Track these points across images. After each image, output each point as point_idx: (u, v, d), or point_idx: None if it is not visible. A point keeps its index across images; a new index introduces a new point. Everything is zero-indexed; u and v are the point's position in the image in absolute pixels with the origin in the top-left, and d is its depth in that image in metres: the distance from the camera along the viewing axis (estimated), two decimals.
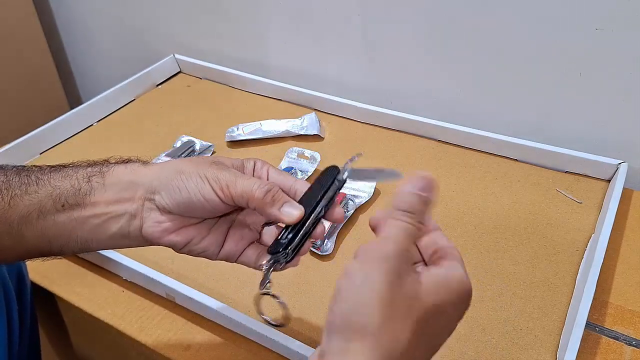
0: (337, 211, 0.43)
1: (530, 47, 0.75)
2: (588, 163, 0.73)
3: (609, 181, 0.72)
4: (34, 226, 0.41)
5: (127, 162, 0.44)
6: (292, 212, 0.41)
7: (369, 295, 0.29)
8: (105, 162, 0.44)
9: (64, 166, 0.44)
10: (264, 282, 0.41)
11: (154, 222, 0.42)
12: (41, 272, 0.66)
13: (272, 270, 0.41)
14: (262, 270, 0.41)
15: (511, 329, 0.55)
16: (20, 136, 0.85)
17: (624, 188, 0.68)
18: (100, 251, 0.63)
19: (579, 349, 0.49)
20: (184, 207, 0.41)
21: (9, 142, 0.84)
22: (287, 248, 0.40)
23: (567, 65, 0.74)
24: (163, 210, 0.41)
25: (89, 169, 0.43)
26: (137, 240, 0.43)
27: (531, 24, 0.73)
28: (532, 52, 0.75)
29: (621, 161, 0.71)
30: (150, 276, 0.60)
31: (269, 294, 0.41)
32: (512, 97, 0.81)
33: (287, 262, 0.41)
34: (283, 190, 0.43)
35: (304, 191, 0.43)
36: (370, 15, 0.86)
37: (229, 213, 0.44)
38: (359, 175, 0.42)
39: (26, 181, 0.42)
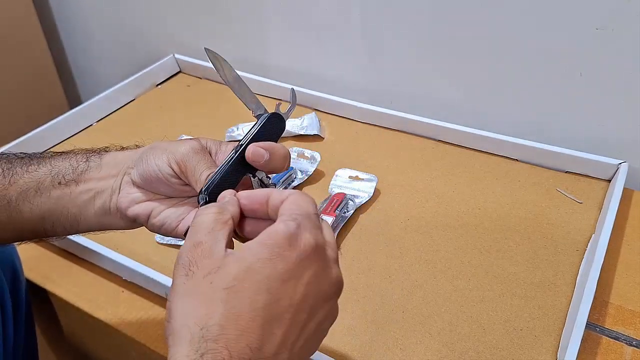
0: (251, 149, 0.42)
1: (530, 47, 0.75)
2: (588, 163, 0.73)
3: (609, 181, 0.72)
4: (30, 202, 0.43)
5: (125, 148, 0.47)
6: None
7: None
8: (105, 147, 0.47)
9: (65, 152, 0.47)
10: None
11: (125, 194, 0.44)
12: (40, 271, 0.66)
13: None
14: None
15: (511, 329, 0.55)
16: (20, 136, 0.85)
17: (624, 188, 0.68)
18: (101, 251, 0.63)
19: (579, 349, 0.49)
20: (146, 179, 0.43)
21: (9, 142, 0.84)
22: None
23: (567, 65, 0.74)
24: (134, 183, 0.44)
25: (89, 153, 0.46)
26: (115, 216, 0.44)
27: (531, 23, 0.73)
28: (532, 52, 0.75)
29: (621, 161, 0.71)
30: (150, 276, 0.60)
31: None
32: (512, 97, 0.81)
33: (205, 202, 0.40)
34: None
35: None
36: (370, 15, 0.86)
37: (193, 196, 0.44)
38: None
39: (28, 162, 0.45)
